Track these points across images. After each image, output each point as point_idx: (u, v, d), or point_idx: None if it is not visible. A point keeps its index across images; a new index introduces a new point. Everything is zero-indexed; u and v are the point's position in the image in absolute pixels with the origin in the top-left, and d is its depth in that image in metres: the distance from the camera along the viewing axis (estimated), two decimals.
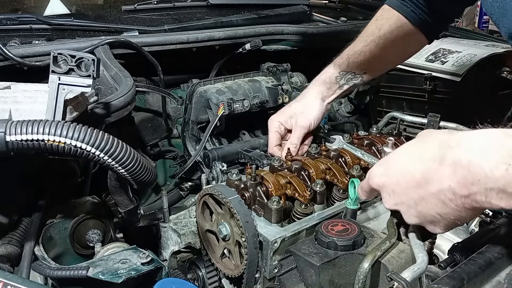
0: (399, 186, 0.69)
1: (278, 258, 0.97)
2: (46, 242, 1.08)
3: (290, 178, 1.08)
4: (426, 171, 0.64)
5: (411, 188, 0.67)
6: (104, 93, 1.15)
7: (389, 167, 0.72)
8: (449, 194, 0.62)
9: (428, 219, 0.69)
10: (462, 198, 0.61)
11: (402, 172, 0.68)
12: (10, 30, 1.45)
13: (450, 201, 0.62)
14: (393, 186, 0.70)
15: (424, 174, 0.64)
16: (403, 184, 0.68)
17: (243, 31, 1.66)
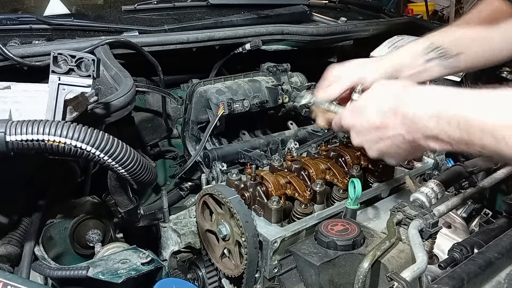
0: (364, 129, 0.86)
1: (278, 258, 0.97)
2: (46, 242, 1.08)
3: (290, 178, 1.08)
4: (384, 119, 0.80)
5: (373, 131, 0.83)
6: (104, 93, 1.15)
7: (356, 112, 0.88)
8: (400, 138, 0.79)
9: (385, 155, 0.87)
10: (410, 142, 0.78)
11: (366, 118, 0.84)
12: (10, 30, 1.45)
13: (401, 143, 0.79)
14: (359, 128, 0.87)
15: (382, 122, 0.81)
16: (367, 128, 0.84)
17: (243, 31, 1.65)
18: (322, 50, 1.93)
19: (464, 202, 1.17)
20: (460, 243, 0.97)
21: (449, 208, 1.01)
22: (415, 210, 0.93)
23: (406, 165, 1.31)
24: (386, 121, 0.80)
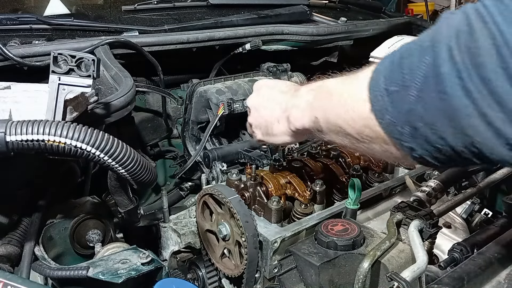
0: (258, 119, 0.95)
1: (278, 258, 0.97)
2: (46, 242, 1.08)
3: (290, 178, 1.08)
4: (271, 123, 0.90)
5: (264, 127, 0.93)
6: (104, 93, 1.15)
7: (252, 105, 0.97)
8: (287, 136, 0.88)
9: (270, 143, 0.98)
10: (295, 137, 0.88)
11: (259, 117, 0.94)
12: (10, 30, 1.45)
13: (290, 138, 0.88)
14: (255, 116, 0.96)
15: (273, 124, 0.90)
16: (261, 120, 0.94)
17: (243, 31, 1.65)
18: (322, 50, 1.92)
19: (464, 202, 1.17)
20: (460, 243, 0.97)
21: (449, 208, 1.02)
22: (415, 210, 0.93)
23: (406, 165, 1.31)
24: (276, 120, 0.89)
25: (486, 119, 0.45)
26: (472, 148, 0.48)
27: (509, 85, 0.43)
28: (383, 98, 0.55)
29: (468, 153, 0.49)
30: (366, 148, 0.63)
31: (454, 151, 0.50)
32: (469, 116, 0.46)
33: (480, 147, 0.48)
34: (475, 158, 0.50)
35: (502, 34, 0.43)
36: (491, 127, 0.45)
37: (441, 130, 0.50)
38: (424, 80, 0.49)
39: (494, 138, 0.46)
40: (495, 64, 0.43)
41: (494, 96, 0.44)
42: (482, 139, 0.47)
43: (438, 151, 0.52)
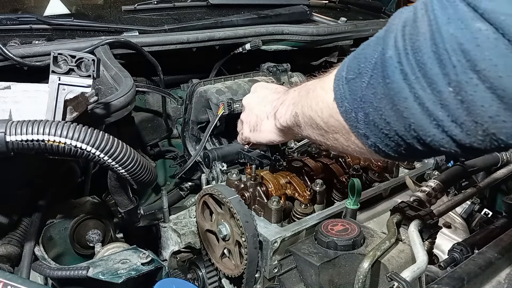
0: (250, 115, 0.99)
1: (278, 258, 0.97)
2: (46, 242, 1.08)
3: (290, 178, 1.08)
4: (261, 119, 0.94)
5: (253, 124, 0.97)
6: (104, 93, 1.15)
7: (247, 103, 1.02)
8: (273, 133, 0.92)
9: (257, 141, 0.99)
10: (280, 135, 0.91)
11: (251, 114, 0.98)
12: (10, 30, 1.45)
13: (276, 135, 0.92)
14: (248, 113, 1.00)
15: (262, 120, 0.94)
16: (252, 116, 0.97)
17: (243, 31, 1.65)
18: (322, 50, 1.92)
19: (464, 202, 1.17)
20: (460, 243, 0.97)
21: (449, 208, 1.01)
22: (415, 210, 0.93)
23: (406, 165, 1.31)
24: (263, 121, 0.94)
25: (419, 101, 0.47)
26: (412, 132, 0.50)
27: (438, 67, 0.44)
28: (343, 87, 0.57)
29: (410, 138, 0.51)
30: (335, 141, 0.65)
31: (399, 137, 0.52)
32: (406, 99, 0.48)
33: (417, 130, 0.49)
34: (418, 144, 0.51)
35: (436, 19, 0.45)
36: (423, 109, 0.47)
37: (386, 115, 0.52)
38: (374, 67, 0.52)
39: (426, 119, 0.47)
40: (429, 48, 0.45)
41: (426, 78, 0.46)
42: (416, 120, 0.48)
43: (387, 137, 0.54)
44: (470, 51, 0.42)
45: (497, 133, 0.44)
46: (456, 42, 0.43)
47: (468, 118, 0.45)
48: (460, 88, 0.44)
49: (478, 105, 0.43)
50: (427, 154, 0.53)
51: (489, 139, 0.45)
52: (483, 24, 0.41)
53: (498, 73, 0.41)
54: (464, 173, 1.14)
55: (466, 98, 0.44)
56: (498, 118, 0.43)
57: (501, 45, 0.41)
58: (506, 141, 0.45)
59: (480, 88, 0.43)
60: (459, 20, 0.43)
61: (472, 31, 0.42)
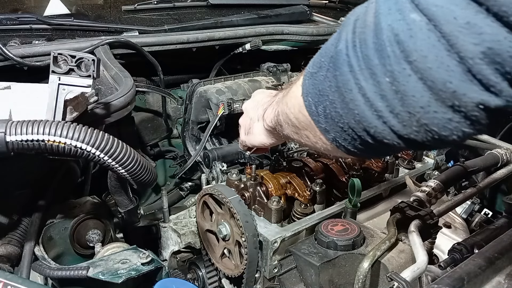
0: (246, 119, 1.00)
1: (278, 258, 0.97)
2: (46, 242, 1.08)
3: (290, 178, 1.08)
4: (253, 121, 0.96)
5: (247, 127, 0.99)
6: (104, 93, 1.15)
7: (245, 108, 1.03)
8: (263, 135, 0.93)
9: (251, 144, 1.00)
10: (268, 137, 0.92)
11: (247, 117, 1.00)
12: (10, 30, 1.45)
13: (265, 137, 0.92)
14: (244, 117, 1.02)
15: (254, 123, 0.96)
16: (247, 120, 0.99)
17: (243, 31, 1.65)
18: None
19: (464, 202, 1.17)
20: (460, 243, 0.97)
21: (449, 208, 1.01)
22: (415, 210, 0.93)
23: (406, 165, 1.31)
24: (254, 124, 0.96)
25: (362, 92, 0.48)
26: (360, 124, 0.51)
27: (378, 58, 0.45)
28: (308, 81, 0.58)
29: (360, 130, 0.51)
30: (306, 138, 0.66)
31: (352, 130, 0.52)
32: (351, 91, 0.49)
33: (362, 121, 0.50)
34: (368, 137, 0.51)
35: (379, 11, 0.46)
36: (366, 100, 0.48)
37: (338, 107, 0.52)
38: (330, 60, 0.53)
39: (369, 110, 0.48)
40: (371, 40, 0.46)
41: (369, 70, 0.46)
42: (360, 112, 0.49)
43: (343, 131, 0.54)
44: (404, 42, 0.43)
45: (429, 123, 0.45)
46: (392, 33, 0.44)
47: (403, 109, 0.45)
48: (394, 78, 0.44)
49: (410, 95, 0.44)
50: (380, 149, 0.53)
51: (423, 130, 0.46)
52: (418, 15, 0.42)
53: (427, 64, 0.42)
54: (464, 173, 1.14)
55: (400, 88, 0.44)
56: (429, 108, 0.44)
57: (433, 36, 0.41)
58: (438, 132, 0.45)
59: (412, 78, 0.43)
60: (397, 11, 0.43)
61: (408, 22, 0.42)
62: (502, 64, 0.39)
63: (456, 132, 0.44)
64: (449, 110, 0.43)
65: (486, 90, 0.41)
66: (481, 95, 0.41)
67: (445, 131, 0.45)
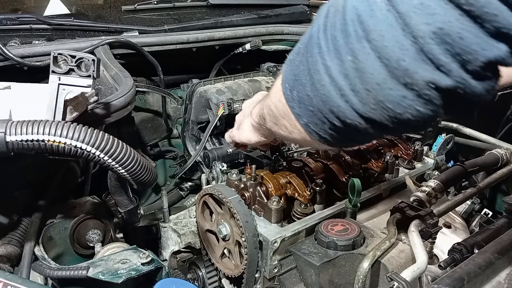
0: (240, 116, 1.03)
1: (278, 258, 0.97)
2: (46, 242, 1.08)
3: (290, 178, 1.08)
4: (244, 117, 0.99)
5: (239, 122, 1.02)
6: (104, 93, 1.15)
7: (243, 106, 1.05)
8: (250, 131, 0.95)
9: (239, 140, 1.03)
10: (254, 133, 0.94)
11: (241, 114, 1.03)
12: (10, 30, 1.45)
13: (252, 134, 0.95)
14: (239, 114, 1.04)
15: (244, 118, 0.98)
16: (239, 118, 1.03)
17: (243, 31, 1.66)
18: None
19: (464, 202, 1.17)
20: (460, 243, 0.97)
21: (449, 208, 1.01)
22: (415, 210, 0.93)
23: (406, 165, 1.31)
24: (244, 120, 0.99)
25: (329, 72, 0.49)
26: (326, 104, 0.52)
27: (343, 38, 0.47)
28: (287, 68, 0.60)
29: (327, 112, 0.53)
30: (284, 128, 0.67)
31: (321, 112, 0.54)
32: (318, 71, 0.51)
33: (328, 102, 0.51)
34: (334, 119, 0.53)
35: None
36: (331, 79, 0.49)
37: (308, 90, 0.54)
38: (305, 45, 0.54)
39: (334, 90, 0.50)
40: (339, 22, 0.48)
41: (335, 50, 0.48)
42: (326, 92, 0.51)
43: (313, 115, 0.55)
44: (365, 22, 0.45)
45: (384, 100, 0.46)
46: (356, 14, 0.46)
47: (362, 86, 0.47)
48: (355, 57, 0.46)
49: (369, 72, 0.46)
50: (348, 133, 0.54)
51: (380, 108, 0.47)
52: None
53: (384, 43, 0.44)
54: (464, 173, 1.14)
55: (360, 66, 0.46)
56: (385, 85, 0.45)
57: (391, 17, 0.43)
58: (393, 110, 0.47)
59: (371, 56, 0.45)
60: None
61: (370, 3, 0.45)
62: (452, 45, 0.41)
63: (410, 110, 0.46)
64: (403, 88, 0.45)
65: (437, 69, 0.43)
66: (432, 74, 0.43)
67: (399, 109, 0.46)
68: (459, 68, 0.42)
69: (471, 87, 0.43)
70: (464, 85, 0.43)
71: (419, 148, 1.34)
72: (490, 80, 0.44)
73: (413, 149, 1.32)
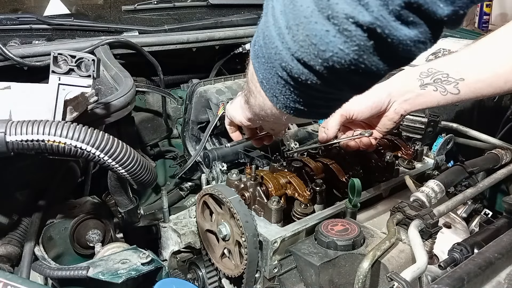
0: None
1: (278, 258, 0.97)
2: (46, 242, 1.08)
3: (290, 178, 1.08)
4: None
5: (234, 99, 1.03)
6: (104, 93, 1.15)
7: None
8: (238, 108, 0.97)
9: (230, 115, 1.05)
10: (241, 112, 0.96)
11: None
12: (10, 30, 1.46)
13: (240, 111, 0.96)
14: None
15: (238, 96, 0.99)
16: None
17: (243, 31, 1.66)
18: None
19: (464, 202, 1.17)
20: (460, 243, 0.97)
21: (449, 208, 1.01)
22: (415, 210, 0.93)
23: (406, 165, 1.31)
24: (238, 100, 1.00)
25: (273, 12, 0.50)
26: (270, 51, 0.52)
27: None
28: (257, 31, 0.59)
29: (272, 61, 0.53)
30: (253, 96, 0.68)
31: (268, 63, 0.54)
32: (266, 14, 0.52)
33: (270, 45, 0.52)
34: (279, 69, 0.53)
35: None
36: (274, 19, 0.50)
37: (260, 39, 0.55)
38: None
39: (274, 29, 0.50)
40: None
41: None
42: (269, 33, 0.51)
43: (265, 69, 0.56)
44: None
45: (310, 35, 0.46)
46: None
47: (293, 22, 0.47)
48: None
49: (299, 5, 0.46)
50: (292, 89, 0.55)
51: (307, 45, 0.47)
52: None
53: None
54: (464, 173, 1.14)
55: (295, 2, 0.47)
56: (312, 19, 0.45)
57: None
58: (318, 46, 0.46)
59: None
60: None
61: None
62: None
63: (332, 48, 0.46)
64: (326, 21, 0.45)
65: (358, 3, 0.42)
66: (352, 7, 0.43)
67: (323, 45, 0.46)
68: (379, 6, 0.42)
69: (392, 28, 0.43)
70: (383, 25, 0.43)
71: (419, 148, 1.34)
72: (415, 27, 0.43)
73: (413, 149, 1.32)
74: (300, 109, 0.60)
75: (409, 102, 1.02)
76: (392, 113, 1.05)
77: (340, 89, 0.54)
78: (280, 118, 0.68)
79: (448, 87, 0.97)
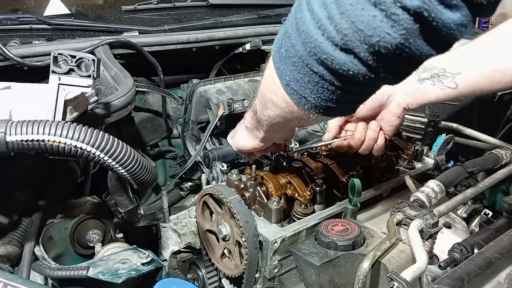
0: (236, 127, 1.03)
1: (278, 258, 0.97)
2: (46, 242, 1.08)
3: (290, 178, 1.08)
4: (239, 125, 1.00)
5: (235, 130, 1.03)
6: (104, 93, 1.15)
7: None
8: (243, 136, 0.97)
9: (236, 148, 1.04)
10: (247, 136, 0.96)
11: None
12: (10, 30, 1.45)
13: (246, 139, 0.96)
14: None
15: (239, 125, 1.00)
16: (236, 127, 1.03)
17: (243, 31, 1.66)
18: None
19: (464, 202, 1.17)
20: (460, 243, 0.97)
21: (449, 208, 1.01)
22: (415, 210, 0.93)
23: (406, 165, 1.31)
24: None
25: (309, 7, 0.51)
26: (307, 47, 0.52)
27: None
28: (280, 32, 0.59)
29: (307, 57, 0.53)
30: (271, 105, 0.68)
31: (302, 61, 0.54)
32: (301, 10, 0.52)
33: (307, 40, 0.52)
34: (314, 63, 0.53)
35: None
36: (311, 13, 0.50)
37: (293, 38, 0.55)
38: (293, 7, 0.56)
39: (312, 23, 0.50)
40: None
41: None
42: (306, 27, 0.51)
43: (295, 69, 0.56)
44: None
45: (356, 22, 0.47)
46: None
47: (337, 11, 0.48)
48: None
49: None
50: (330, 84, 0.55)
51: (353, 32, 0.47)
52: None
53: None
54: (464, 173, 1.14)
55: None
56: (357, 5, 0.46)
57: None
58: (364, 32, 0.47)
59: None
60: None
61: None
62: None
63: (379, 32, 0.46)
64: (372, 7, 0.45)
65: None
66: None
67: (370, 31, 0.46)
68: None
69: (437, 12, 0.44)
70: (430, 8, 0.43)
71: (419, 148, 1.34)
72: (459, 11, 0.44)
73: (413, 149, 1.32)
74: (330, 107, 0.60)
75: (410, 96, 1.01)
76: (395, 108, 1.04)
77: (379, 77, 0.53)
78: (298, 114, 0.67)
79: (446, 81, 0.97)
